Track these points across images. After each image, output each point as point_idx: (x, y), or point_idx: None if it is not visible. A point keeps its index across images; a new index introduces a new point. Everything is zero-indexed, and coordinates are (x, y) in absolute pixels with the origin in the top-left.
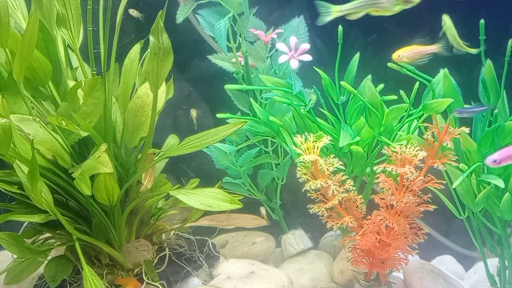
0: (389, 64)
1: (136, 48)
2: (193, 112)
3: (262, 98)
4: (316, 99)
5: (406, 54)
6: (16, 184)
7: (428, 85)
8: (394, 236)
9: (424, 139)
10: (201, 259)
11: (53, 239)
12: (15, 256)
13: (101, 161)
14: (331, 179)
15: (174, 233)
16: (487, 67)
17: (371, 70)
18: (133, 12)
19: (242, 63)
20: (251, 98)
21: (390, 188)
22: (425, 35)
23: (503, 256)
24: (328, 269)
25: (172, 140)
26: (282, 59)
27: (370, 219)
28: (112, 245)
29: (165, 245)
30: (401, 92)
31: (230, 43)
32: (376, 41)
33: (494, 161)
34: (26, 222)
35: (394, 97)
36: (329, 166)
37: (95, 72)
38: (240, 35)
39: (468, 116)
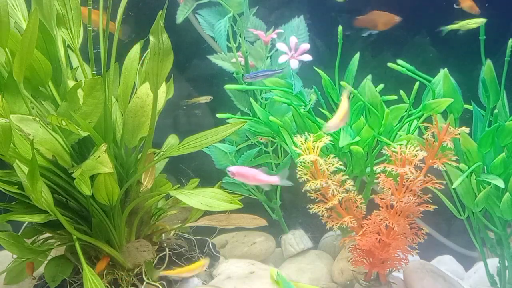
0: (389, 64)
1: (136, 48)
2: (205, 98)
3: (262, 98)
4: (316, 99)
5: None
6: (16, 184)
7: (428, 85)
8: (394, 236)
9: (424, 139)
10: (201, 259)
11: (53, 239)
12: (15, 256)
13: (101, 161)
14: (331, 179)
15: (174, 233)
16: (487, 67)
17: (371, 70)
18: None
19: (242, 63)
20: (251, 98)
21: (390, 188)
22: (424, 35)
23: (503, 256)
24: (328, 269)
25: (172, 140)
26: (282, 59)
27: (370, 219)
28: (112, 245)
29: (165, 245)
30: (401, 92)
31: (230, 43)
32: (376, 41)
33: (230, 171)
34: (26, 222)
35: (394, 97)
36: (329, 166)
37: (95, 72)
38: (240, 35)
39: (260, 78)
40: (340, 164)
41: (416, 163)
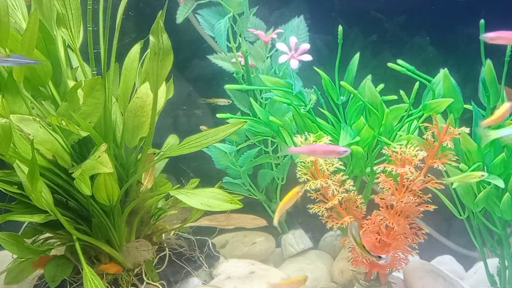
0: (389, 64)
1: (136, 48)
2: (223, 101)
3: (262, 98)
4: (316, 99)
5: None
6: (16, 184)
7: (428, 85)
8: (394, 236)
9: (424, 139)
10: (201, 259)
11: (53, 239)
12: (15, 256)
13: (101, 161)
14: (331, 179)
15: (174, 233)
16: (487, 67)
17: (371, 70)
18: None
19: (242, 63)
20: (251, 98)
21: (390, 188)
22: (424, 35)
23: (503, 256)
24: (328, 269)
25: (172, 140)
26: (282, 59)
27: (370, 219)
28: (112, 245)
29: (165, 245)
30: (401, 92)
31: (230, 43)
32: (376, 41)
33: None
34: (26, 222)
35: (394, 97)
36: (329, 166)
37: (95, 72)
38: (240, 35)
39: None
40: (340, 164)
41: (416, 163)
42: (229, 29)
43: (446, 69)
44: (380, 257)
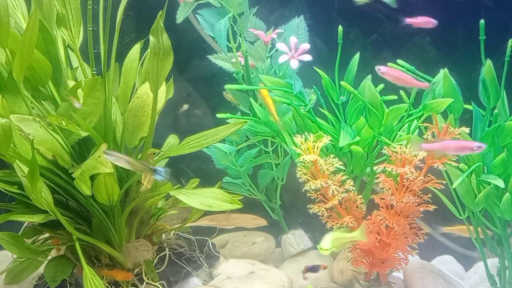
0: (389, 64)
1: (136, 48)
2: (231, 97)
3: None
4: (316, 99)
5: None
6: (16, 184)
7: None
8: (394, 236)
9: (424, 139)
10: (201, 259)
11: (53, 239)
12: (15, 256)
13: (101, 161)
14: (331, 179)
15: (174, 233)
16: (487, 67)
17: (371, 70)
18: None
19: (242, 63)
20: (251, 98)
21: (390, 188)
22: (424, 36)
23: (503, 256)
24: (328, 269)
25: (172, 140)
26: (282, 59)
27: (370, 219)
28: (112, 245)
29: (165, 245)
30: (401, 92)
31: (230, 43)
32: (376, 41)
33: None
34: (26, 222)
35: (394, 97)
36: (329, 166)
37: (95, 72)
38: (240, 35)
39: None
40: (340, 164)
41: (416, 163)
42: (229, 29)
43: (446, 69)
44: (155, 170)
